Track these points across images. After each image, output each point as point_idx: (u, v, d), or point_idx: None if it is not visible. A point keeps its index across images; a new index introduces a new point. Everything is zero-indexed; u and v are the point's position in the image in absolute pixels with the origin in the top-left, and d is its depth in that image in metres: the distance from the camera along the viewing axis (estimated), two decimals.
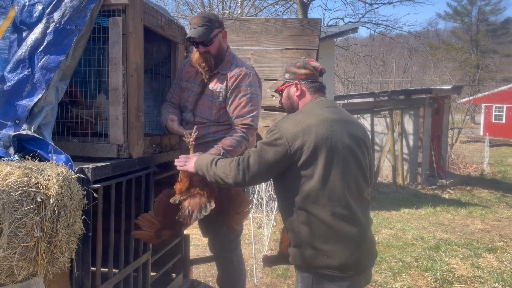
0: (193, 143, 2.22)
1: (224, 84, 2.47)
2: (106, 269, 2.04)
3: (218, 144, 2.38)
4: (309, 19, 3.11)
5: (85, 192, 1.73)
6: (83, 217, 1.70)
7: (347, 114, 2.06)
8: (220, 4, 12.80)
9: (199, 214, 2.13)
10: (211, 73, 2.50)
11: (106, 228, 2.00)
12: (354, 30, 9.14)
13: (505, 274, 4.52)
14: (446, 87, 11.78)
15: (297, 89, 2.06)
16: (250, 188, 4.68)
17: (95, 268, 1.93)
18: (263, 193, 5.33)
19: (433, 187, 10.63)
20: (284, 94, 2.11)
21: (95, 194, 1.80)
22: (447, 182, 10.95)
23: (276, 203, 5.59)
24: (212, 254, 2.88)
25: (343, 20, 13.84)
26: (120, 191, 2.08)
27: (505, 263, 5.03)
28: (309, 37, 3.01)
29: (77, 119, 2.20)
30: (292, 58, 3.05)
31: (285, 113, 3.07)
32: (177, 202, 2.16)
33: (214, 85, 2.49)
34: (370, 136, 1.77)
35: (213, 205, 2.15)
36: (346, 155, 1.89)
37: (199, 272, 4.10)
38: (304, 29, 3.01)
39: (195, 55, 2.50)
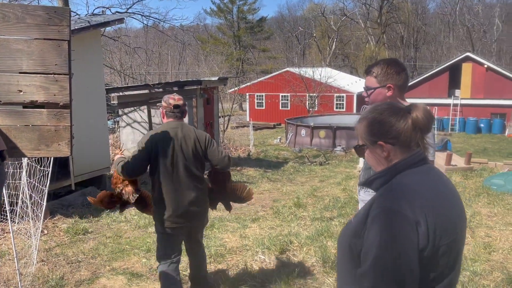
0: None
1: None
2: None
3: None
4: (56, 8, 2.87)
5: None
6: None
7: (185, 129, 3.33)
8: None
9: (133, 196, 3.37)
10: None
11: None
12: (121, 20, 8.91)
13: (265, 239, 5.22)
14: (213, 78, 12.81)
15: (161, 114, 3.39)
16: (8, 198, 4.09)
17: None
18: (27, 200, 4.75)
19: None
20: None
21: None
22: None
23: (43, 210, 5.05)
24: None
25: (110, 10, 13.38)
26: None
27: (265, 229, 5.85)
28: (57, 27, 2.77)
29: None
30: (40, 49, 2.77)
31: (33, 109, 2.82)
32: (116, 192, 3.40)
33: None
34: (205, 138, 3.41)
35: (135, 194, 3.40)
36: (177, 151, 3.26)
37: None
38: (51, 18, 2.76)
39: None
